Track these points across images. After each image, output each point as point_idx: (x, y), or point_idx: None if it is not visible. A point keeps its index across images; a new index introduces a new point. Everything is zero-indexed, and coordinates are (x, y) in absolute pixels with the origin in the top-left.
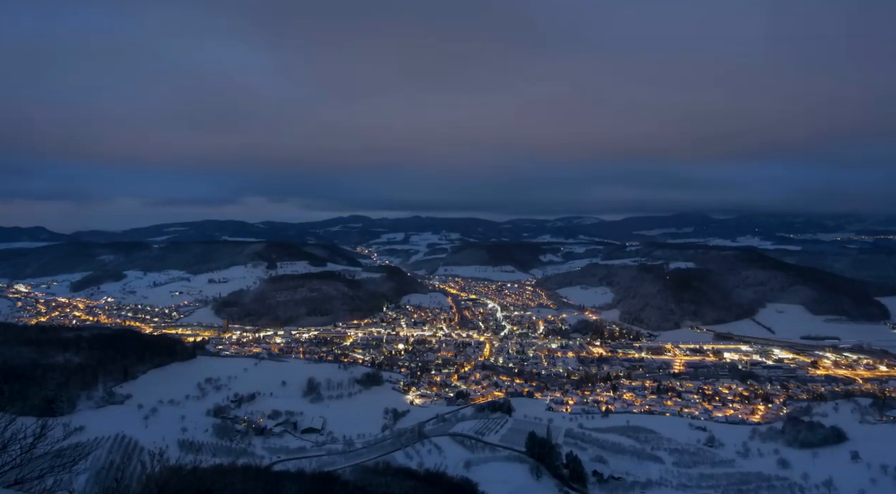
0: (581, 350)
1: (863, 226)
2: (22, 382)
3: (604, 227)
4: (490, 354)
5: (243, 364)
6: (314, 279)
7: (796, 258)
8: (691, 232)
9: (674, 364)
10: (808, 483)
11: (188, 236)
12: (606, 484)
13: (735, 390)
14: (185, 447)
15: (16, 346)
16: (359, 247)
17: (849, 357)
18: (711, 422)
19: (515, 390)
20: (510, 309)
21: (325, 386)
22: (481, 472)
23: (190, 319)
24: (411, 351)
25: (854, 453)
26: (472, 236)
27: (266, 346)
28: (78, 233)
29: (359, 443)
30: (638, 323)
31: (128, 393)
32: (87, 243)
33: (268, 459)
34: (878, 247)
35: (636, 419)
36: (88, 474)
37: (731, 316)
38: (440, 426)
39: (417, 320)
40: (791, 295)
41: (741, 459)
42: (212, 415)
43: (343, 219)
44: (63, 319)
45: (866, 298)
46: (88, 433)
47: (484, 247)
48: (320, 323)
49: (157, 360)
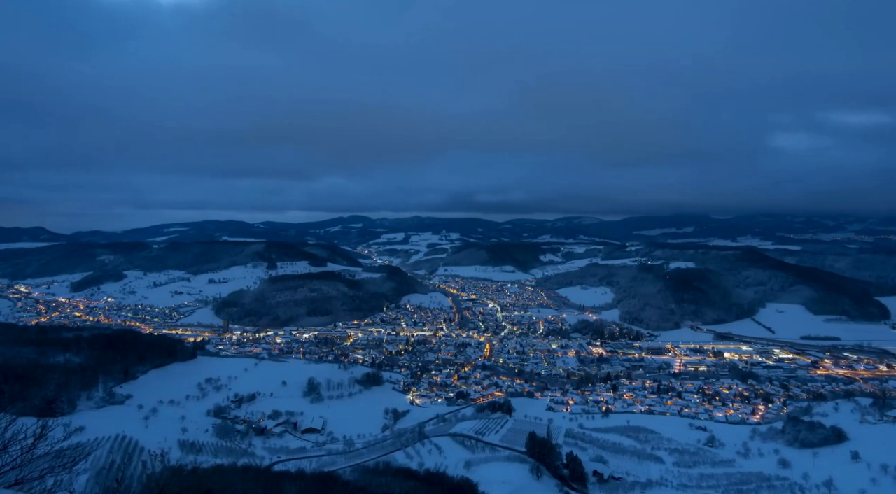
0: (581, 350)
1: (863, 226)
2: (22, 382)
3: (604, 227)
4: (490, 354)
5: (243, 364)
6: (314, 279)
7: (796, 258)
8: (691, 232)
9: (674, 364)
10: (809, 483)
11: (188, 236)
12: (607, 484)
13: (735, 390)
14: (186, 447)
15: (16, 347)
16: (359, 247)
17: (849, 356)
18: (712, 422)
19: (516, 390)
20: (510, 309)
21: (325, 387)
22: (481, 472)
23: (190, 319)
24: (411, 351)
25: (854, 453)
26: (473, 236)
27: (266, 346)
28: (78, 233)
29: (359, 443)
30: (638, 323)
31: (128, 394)
32: (87, 243)
33: (268, 459)
34: (878, 246)
35: (636, 419)
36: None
37: (731, 316)
38: (440, 426)
39: (417, 320)
40: (791, 295)
41: (741, 459)
42: (212, 415)
43: (343, 219)
44: (63, 319)
45: (866, 298)
46: (89, 433)
47: (484, 247)
48: (320, 324)
49: (157, 360)
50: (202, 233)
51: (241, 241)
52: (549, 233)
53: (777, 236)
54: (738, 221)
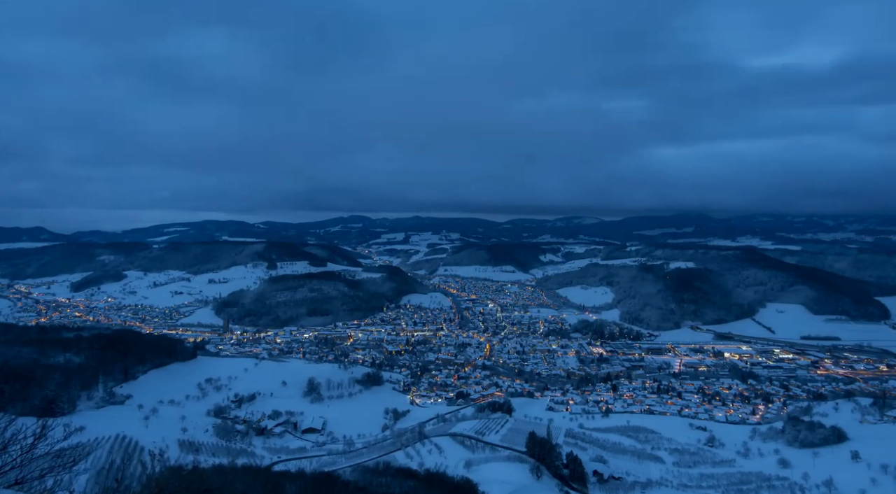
0: (581, 350)
1: (863, 226)
2: (22, 382)
3: (604, 227)
4: (490, 354)
5: (243, 364)
6: (314, 279)
7: (796, 258)
8: (691, 232)
9: (674, 364)
10: (809, 483)
11: (188, 236)
12: (607, 484)
13: (735, 390)
14: (186, 447)
15: (16, 347)
16: (359, 247)
17: (849, 356)
18: (712, 422)
19: (516, 390)
20: (510, 309)
21: (325, 387)
22: (482, 472)
23: (190, 319)
24: (411, 351)
25: (854, 453)
26: (473, 236)
27: (266, 346)
28: (78, 233)
29: (359, 443)
30: (638, 323)
31: (128, 394)
32: (87, 243)
33: (268, 459)
34: (878, 246)
35: (636, 419)
36: (89, 474)
37: (731, 316)
38: (440, 426)
39: (417, 320)
40: (791, 295)
41: (741, 459)
42: (212, 415)
43: (343, 219)
44: (63, 319)
45: (866, 298)
46: (89, 433)
47: (484, 247)
48: (320, 323)
49: (157, 360)
50: (202, 233)
51: (241, 241)
52: (549, 233)
53: (777, 236)
54: (738, 221)
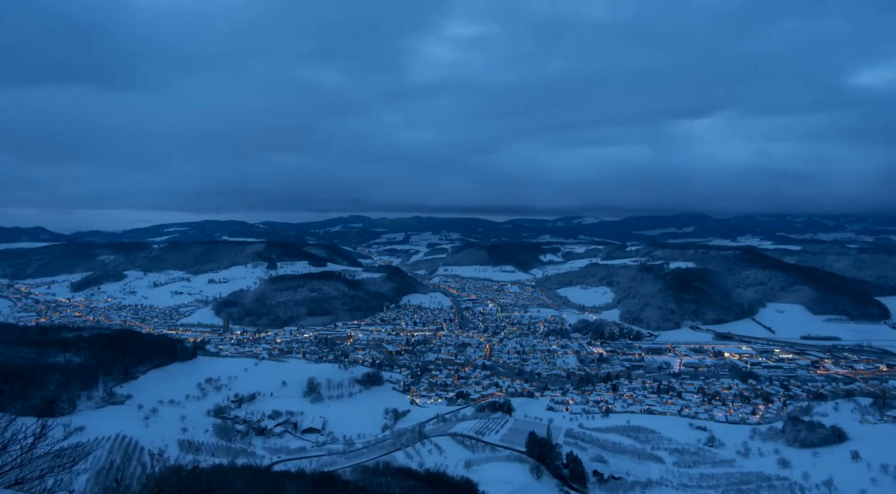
0: (581, 350)
1: (863, 226)
2: (22, 382)
3: (604, 227)
4: (490, 354)
5: (243, 364)
6: (314, 279)
7: (796, 258)
8: (691, 232)
9: (674, 364)
10: (809, 483)
11: (188, 236)
12: (607, 484)
13: (735, 390)
14: (186, 447)
15: (16, 346)
16: (359, 247)
17: (849, 356)
18: (711, 422)
19: (516, 390)
20: (510, 309)
21: (325, 386)
22: (482, 472)
23: (190, 319)
24: (411, 351)
25: (854, 452)
26: (472, 236)
27: (266, 346)
28: (78, 233)
29: (359, 443)
30: (638, 323)
31: (128, 393)
32: (87, 243)
33: (268, 459)
34: (878, 246)
35: (636, 419)
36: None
37: (731, 316)
38: (440, 426)
39: (417, 320)
40: (791, 295)
41: (741, 459)
42: (212, 415)
43: (343, 219)
44: (63, 319)
45: (866, 298)
46: (89, 433)
47: (484, 247)
48: (320, 323)
49: (157, 360)
50: (202, 233)
51: (241, 241)
52: (549, 233)
53: (777, 236)
54: (738, 221)
